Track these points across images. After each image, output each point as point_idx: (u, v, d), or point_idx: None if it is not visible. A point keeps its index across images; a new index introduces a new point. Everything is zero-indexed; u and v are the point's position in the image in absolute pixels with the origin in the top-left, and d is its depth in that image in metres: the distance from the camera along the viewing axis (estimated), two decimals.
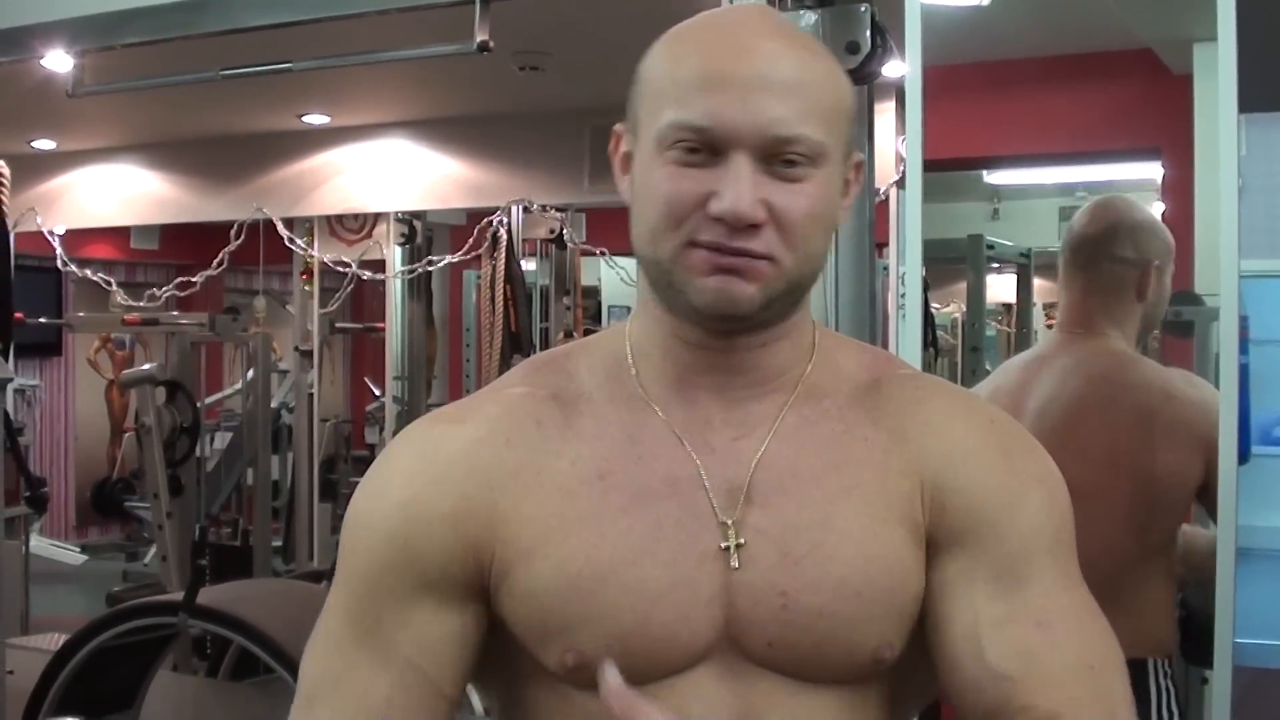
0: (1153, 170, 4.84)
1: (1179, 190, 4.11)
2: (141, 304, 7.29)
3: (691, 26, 1.28)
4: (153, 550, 8.15)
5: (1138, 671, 2.55)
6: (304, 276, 7.49)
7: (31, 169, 6.98)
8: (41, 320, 8.15)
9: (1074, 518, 1.32)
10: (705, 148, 1.20)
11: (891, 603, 1.25)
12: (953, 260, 5.66)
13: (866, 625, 1.24)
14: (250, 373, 8.17)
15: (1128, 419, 2.60)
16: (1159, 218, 2.80)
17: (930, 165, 2.74)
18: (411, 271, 6.75)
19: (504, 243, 6.15)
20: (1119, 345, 2.69)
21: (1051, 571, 1.27)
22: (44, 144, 6.92)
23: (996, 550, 1.25)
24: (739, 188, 1.18)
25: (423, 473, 1.29)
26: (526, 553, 1.25)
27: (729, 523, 1.24)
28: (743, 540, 1.24)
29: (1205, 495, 2.55)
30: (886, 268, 4.67)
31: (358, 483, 1.35)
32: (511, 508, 1.27)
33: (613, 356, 1.34)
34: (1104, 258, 2.70)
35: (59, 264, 7.18)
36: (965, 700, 1.25)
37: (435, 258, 6.67)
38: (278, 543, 8.03)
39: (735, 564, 1.23)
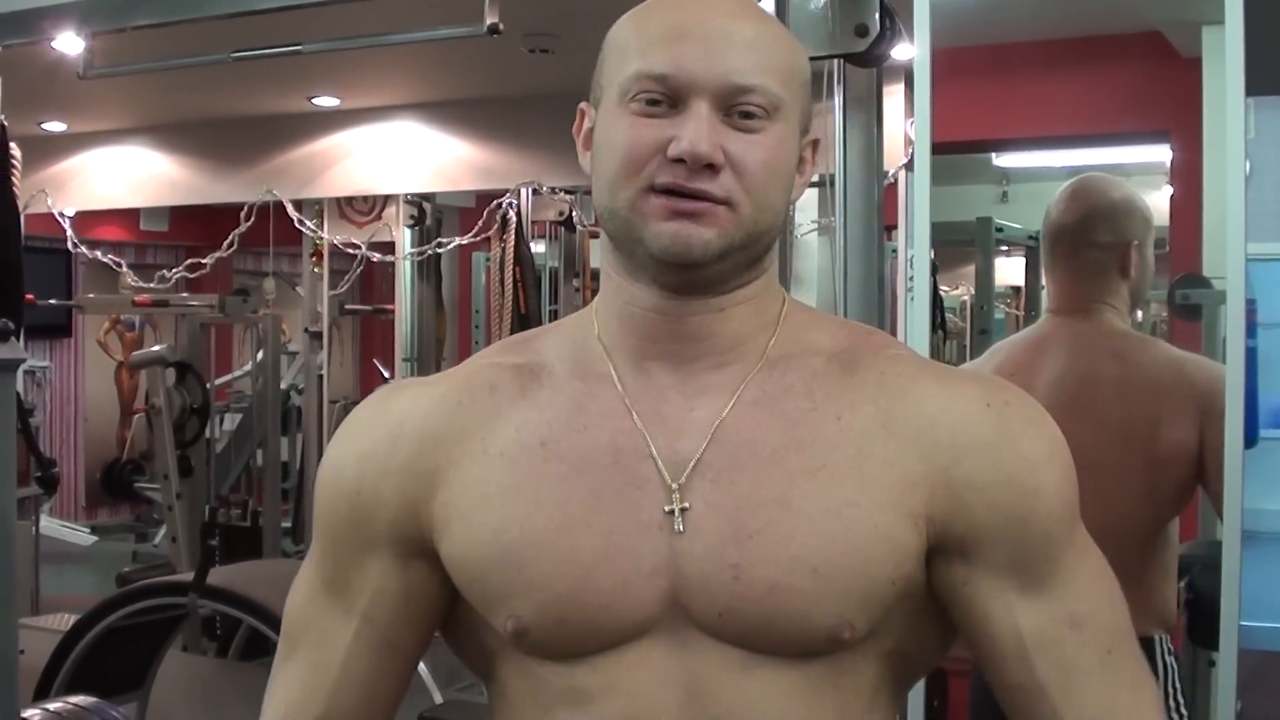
0: (1161, 153, 4.84)
1: (1188, 173, 4.11)
2: (151, 285, 7.29)
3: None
4: (162, 531, 8.16)
5: (1146, 650, 2.57)
6: (314, 258, 7.51)
7: (42, 151, 6.98)
8: (52, 302, 8.16)
9: (1090, 491, 1.33)
10: (666, 98, 1.23)
11: (853, 584, 1.23)
12: (961, 243, 5.67)
13: (825, 602, 1.22)
14: (260, 354, 8.18)
15: (1139, 393, 2.62)
16: (1135, 194, 2.81)
17: (939, 148, 2.74)
18: (421, 253, 6.75)
19: (513, 225, 6.15)
20: (1118, 323, 2.72)
21: (1073, 549, 1.29)
22: (54, 126, 6.93)
23: (1025, 542, 1.26)
24: (698, 128, 1.21)
25: (377, 430, 1.35)
26: (463, 517, 1.29)
27: (675, 487, 1.25)
28: (687, 505, 1.24)
29: (1201, 469, 2.57)
30: (895, 250, 4.66)
31: None
32: (453, 470, 1.30)
33: (580, 332, 1.35)
34: (1083, 244, 2.72)
35: (69, 245, 7.19)
36: (1005, 696, 1.30)
37: (445, 240, 6.67)
38: (287, 524, 8.05)
39: (680, 528, 1.24)
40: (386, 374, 7.98)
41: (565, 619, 1.24)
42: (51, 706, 3.63)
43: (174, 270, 7.12)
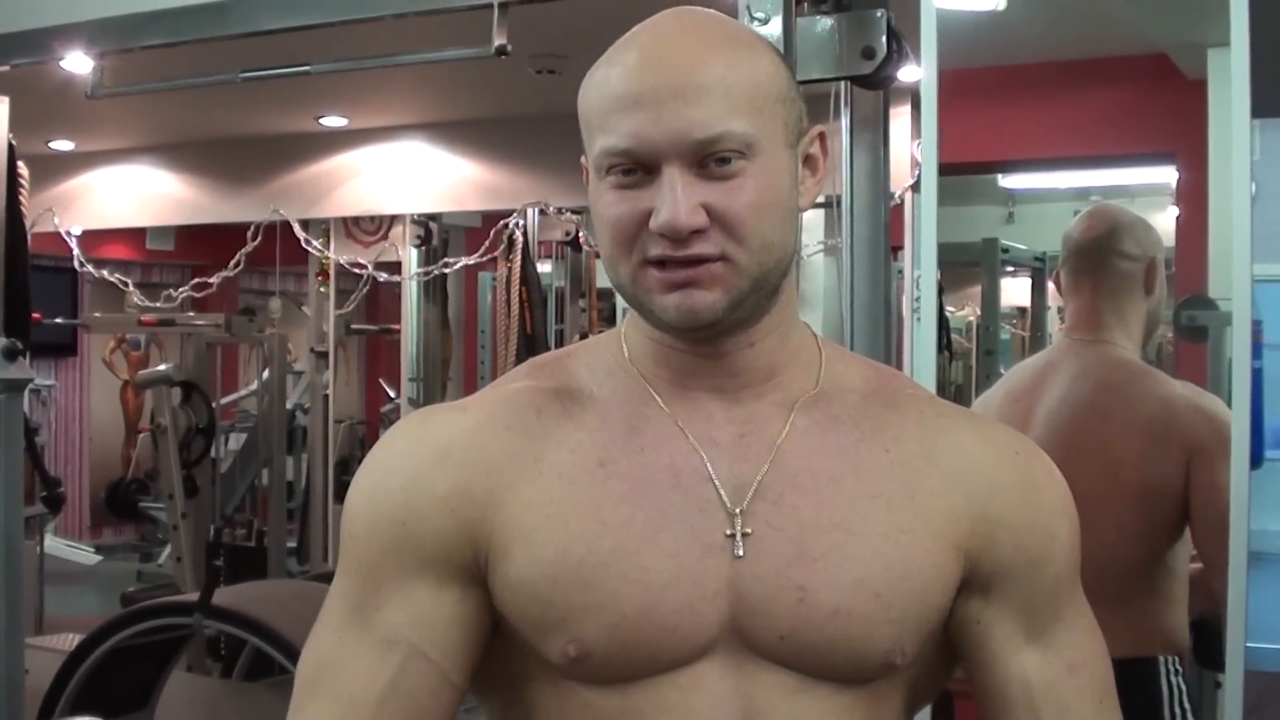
0: (1167, 174, 4.84)
1: (1193, 195, 4.10)
2: (157, 305, 7.31)
3: (613, 49, 1.28)
4: (167, 551, 8.17)
5: (1149, 670, 2.57)
6: (320, 278, 7.52)
7: (49, 170, 7.00)
8: (58, 320, 8.18)
9: (1079, 522, 1.36)
10: (639, 167, 1.22)
11: (909, 610, 1.25)
12: (967, 264, 5.67)
13: (882, 628, 1.24)
14: (265, 374, 8.19)
15: (1128, 428, 2.64)
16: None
17: (945, 169, 2.75)
18: (427, 273, 6.77)
19: (519, 245, 6.16)
20: (1126, 354, 2.73)
21: (1074, 601, 1.34)
22: (62, 145, 6.95)
23: (1038, 586, 1.30)
24: (673, 198, 1.20)
25: (421, 456, 1.30)
26: (524, 538, 1.25)
27: (737, 512, 1.25)
28: (749, 530, 1.24)
29: (1186, 507, 2.57)
30: (901, 271, 4.67)
31: None
32: (509, 492, 1.27)
33: (612, 357, 1.35)
34: (1112, 255, 2.73)
35: (75, 264, 7.20)
36: None
37: (451, 260, 6.68)
38: (292, 544, 8.05)
39: (740, 552, 1.24)
40: (392, 394, 7.99)
41: (631, 641, 1.23)
42: None
43: (180, 289, 7.14)
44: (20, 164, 4.14)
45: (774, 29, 2.58)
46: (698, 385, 1.30)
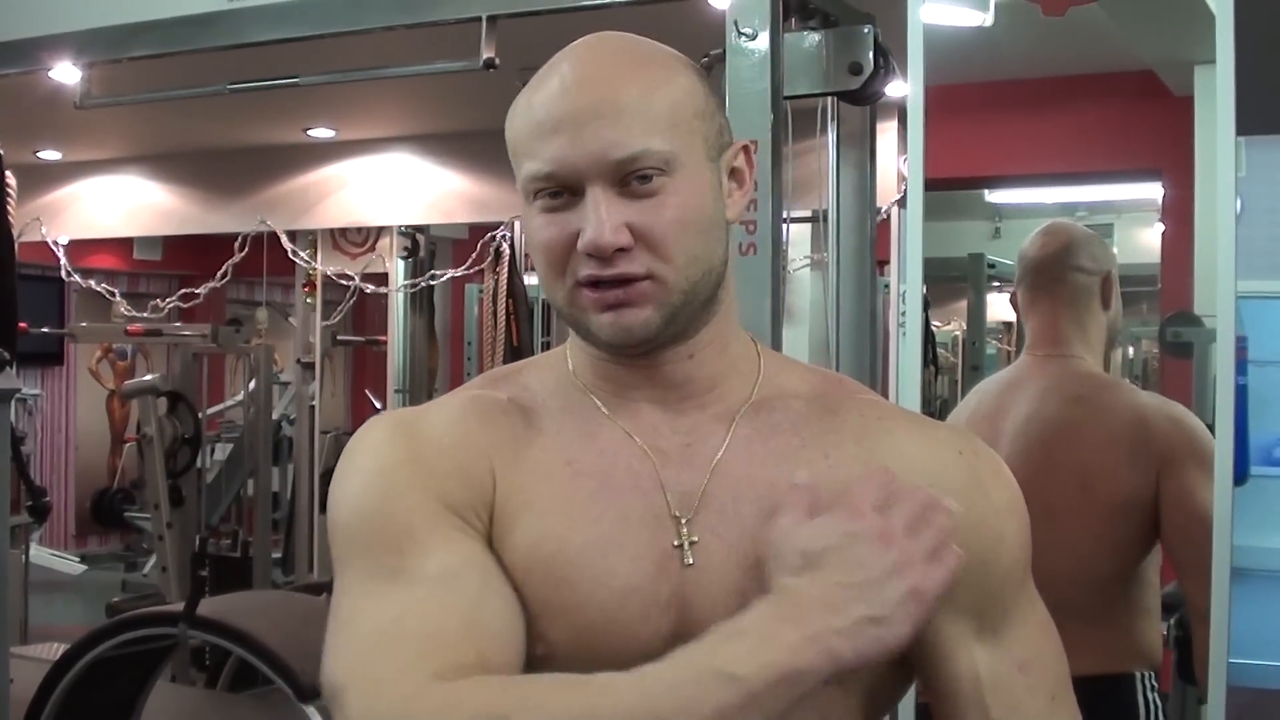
0: (1153, 191, 4.86)
1: (1179, 211, 4.12)
2: (144, 315, 7.30)
3: (536, 77, 1.31)
4: (152, 561, 8.14)
5: (1126, 686, 2.57)
6: (307, 289, 7.52)
7: (37, 179, 6.99)
8: (44, 330, 8.16)
9: (1048, 536, 1.35)
10: (564, 189, 1.24)
11: None
12: (954, 279, 5.68)
13: None
14: (252, 384, 8.18)
15: (1102, 440, 2.64)
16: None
17: (932, 184, 2.75)
18: (414, 285, 6.77)
19: (506, 257, 6.17)
20: (1089, 367, 2.74)
21: (1024, 597, 1.33)
22: (50, 154, 6.94)
23: (986, 585, 1.29)
24: (597, 218, 1.21)
25: (412, 440, 1.28)
26: (511, 524, 1.26)
27: (684, 520, 1.26)
28: (695, 539, 1.25)
29: (1157, 518, 2.58)
30: (887, 286, 4.68)
31: None
32: (503, 474, 1.27)
33: (558, 371, 1.36)
34: (1068, 270, 2.74)
35: (62, 274, 7.19)
36: None
37: (438, 272, 6.69)
38: (278, 554, 8.03)
39: (689, 560, 1.25)
40: (378, 405, 7.98)
41: (594, 646, 1.24)
42: None
43: (167, 299, 7.15)
44: (8, 173, 4.13)
45: (761, 44, 2.59)
46: (640, 397, 1.31)
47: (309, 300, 7.53)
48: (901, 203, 4.28)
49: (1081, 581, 2.54)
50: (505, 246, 6.17)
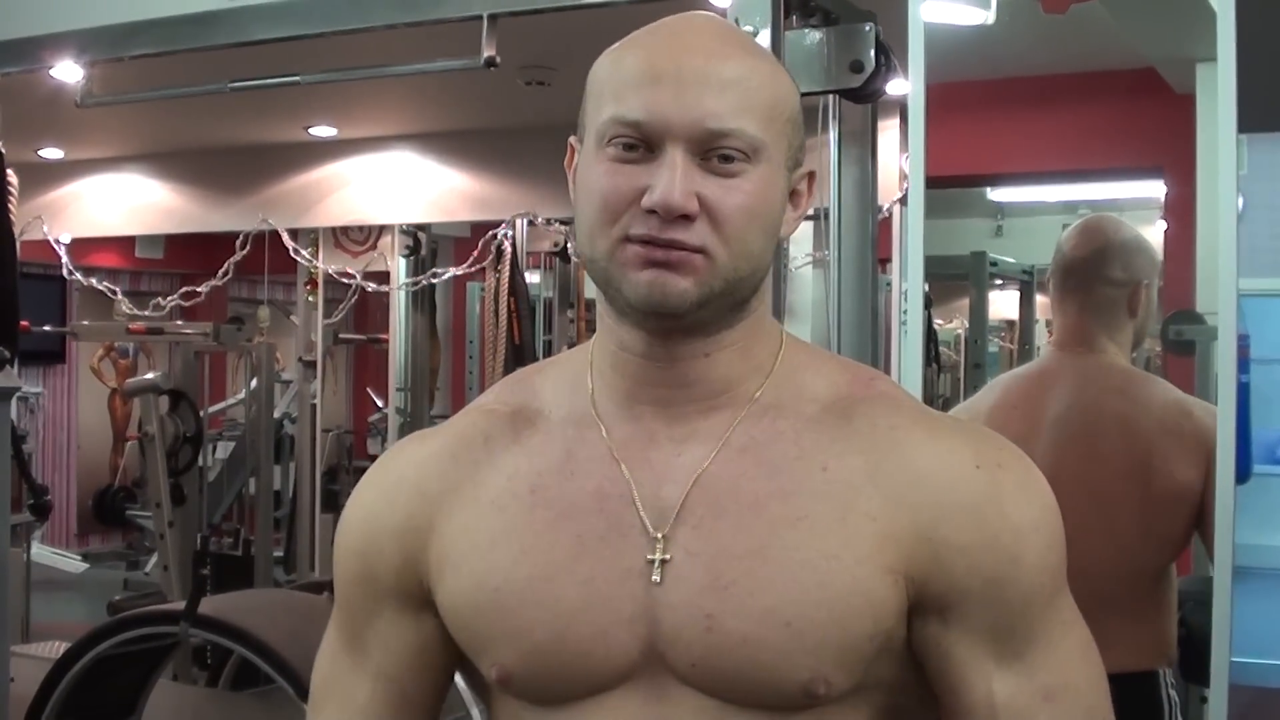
0: (1155, 188, 4.86)
1: (1181, 209, 4.12)
2: (146, 313, 7.29)
3: (637, 33, 1.29)
4: (154, 559, 8.13)
5: (1151, 683, 2.58)
6: (308, 287, 7.51)
7: (39, 177, 6.99)
8: (46, 328, 8.15)
9: (1097, 525, 1.33)
10: (642, 143, 1.21)
11: (827, 639, 1.20)
12: (956, 277, 5.68)
13: (798, 658, 1.20)
14: (253, 382, 8.17)
15: (1144, 431, 2.63)
16: (1143, 234, 2.83)
17: (933, 182, 2.75)
18: (416, 283, 6.77)
19: (508, 255, 6.17)
20: (1121, 361, 2.73)
21: (1053, 621, 1.26)
22: (51, 153, 6.94)
23: (1002, 608, 1.23)
24: (671, 177, 1.19)
25: (379, 491, 1.37)
26: (453, 566, 1.30)
27: (658, 537, 1.24)
28: (668, 556, 1.23)
29: (1202, 510, 2.57)
30: (889, 284, 4.68)
31: None
32: (447, 520, 1.31)
33: (576, 372, 1.35)
34: (1095, 280, 2.73)
35: (64, 272, 7.19)
36: None
37: (440, 270, 6.68)
38: (279, 553, 8.02)
39: (657, 579, 1.23)
40: (380, 403, 7.98)
41: (545, 666, 1.25)
42: None
43: (169, 298, 7.13)
44: (9, 172, 4.13)
45: (763, 41, 2.59)
46: (648, 398, 1.29)
47: (310, 299, 7.53)
48: (903, 200, 4.27)
49: (1121, 575, 2.54)
50: (507, 245, 6.17)
